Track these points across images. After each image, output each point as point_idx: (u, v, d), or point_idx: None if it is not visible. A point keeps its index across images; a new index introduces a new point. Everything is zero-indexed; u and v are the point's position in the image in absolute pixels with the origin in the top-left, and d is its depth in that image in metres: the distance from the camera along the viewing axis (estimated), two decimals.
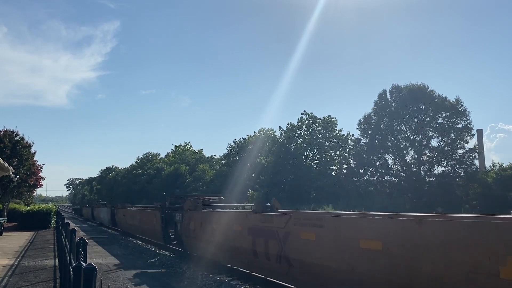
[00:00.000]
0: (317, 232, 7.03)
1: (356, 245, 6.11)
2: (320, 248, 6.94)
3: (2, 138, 33.39)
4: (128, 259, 15.52)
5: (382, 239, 5.66)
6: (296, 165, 58.14)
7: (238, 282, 10.52)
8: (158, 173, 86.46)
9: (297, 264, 7.71)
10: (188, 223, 13.89)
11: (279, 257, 8.20)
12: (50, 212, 34.08)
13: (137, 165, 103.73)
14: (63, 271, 8.46)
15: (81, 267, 3.07)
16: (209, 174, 71.50)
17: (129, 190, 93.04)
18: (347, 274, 6.30)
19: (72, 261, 5.60)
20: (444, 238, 4.87)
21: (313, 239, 7.12)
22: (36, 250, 18.15)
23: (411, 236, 5.26)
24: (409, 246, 5.26)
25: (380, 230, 5.79)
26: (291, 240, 7.80)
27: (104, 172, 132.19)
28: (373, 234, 5.87)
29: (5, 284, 10.54)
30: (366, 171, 52.80)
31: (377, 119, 52.59)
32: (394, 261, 5.45)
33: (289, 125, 61.52)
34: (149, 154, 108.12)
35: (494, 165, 46.04)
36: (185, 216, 14.44)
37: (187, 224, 14.04)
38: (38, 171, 38.65)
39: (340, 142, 59.87)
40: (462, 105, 48.70)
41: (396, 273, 5.43)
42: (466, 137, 48.39)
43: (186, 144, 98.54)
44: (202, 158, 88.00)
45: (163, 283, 10.93)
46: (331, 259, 6.67)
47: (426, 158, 49.95)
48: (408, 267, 5.25)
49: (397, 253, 5.41)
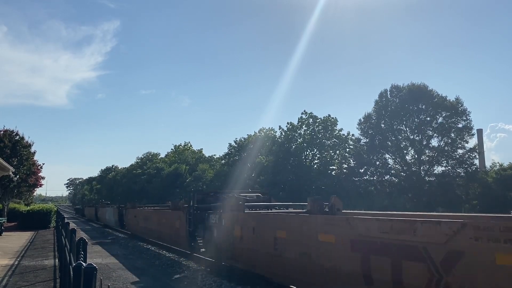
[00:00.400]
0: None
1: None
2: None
3: (2, 138, 33.37)
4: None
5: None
6: (296, 164, 58.10)
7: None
8: (158, 173, 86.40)
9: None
10: (231, 227, 10.87)
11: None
12: (50, 212, 34.09)
13: (137, 165, 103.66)
14: (63, 271, 8.45)
15: (81, 267, 3.06)
16: (209, 174, 71.47)
17: (129, 190, 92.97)
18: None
19: (72, 261, 5.59)
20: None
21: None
22: (36, 250, 18.13)
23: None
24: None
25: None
26: (468, 266, 4.72)
27: (104, 172, 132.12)
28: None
29: (5, 284, 10.53)
30: (366, 171, 52.77)
31: (377, 119, 52.57)
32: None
33: (289, 125, 61.51)
34: (149, 154, 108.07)
35: (494, 165, 46.12)
36: (224, 218, 11.45)
37: (229, 230, 11.00)
38: (38, 171, 38.63)
39: (340, 142, 59.81)
40: (462, 104, 48.71)
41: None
42: (466, 136, 48.39)
43: (186, 144, 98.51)
44: (202, 158, 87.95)
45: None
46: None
47: (426, 158, 49.94)
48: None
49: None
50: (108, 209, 35.19)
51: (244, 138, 69.47)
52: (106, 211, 35.33)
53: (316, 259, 7.44)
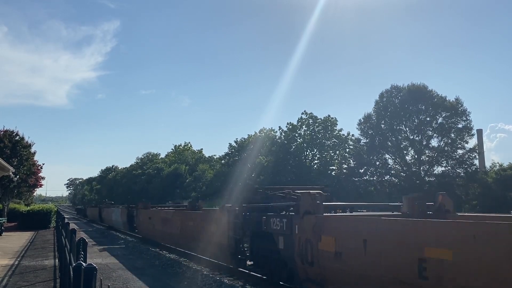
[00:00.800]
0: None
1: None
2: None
3: (2, 138, 33.39)
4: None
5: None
6: (296, 165, 58.13)
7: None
8: (158, 173, 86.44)
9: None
10: (315, 239, 7.69)
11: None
12: (50, 212, 34.13)
13: (137, 165, 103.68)
14: (63, 271, 8.46)
15: (81, 267, 3.07)
16: (209, 174, 71.48)
17: (129, 190, 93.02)
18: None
19: (72, 261, 5.60)
20: None
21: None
22: (36, 250, 18.15)
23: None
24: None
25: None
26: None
27: (104, 172, 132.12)
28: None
29: (5, 284, 10.54)
30: (366, 171, 52.78)
31: (377, 119, 52.59)
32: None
33: (289, 125, 61.51)
34: (149, 154, 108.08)
35: (494, 165, 46.09)
36: (299, 224, 8.25)
37: (312, 241, 7.77)
38: (38, 171, 38.66)
39: (340, 142, 59.82)
40: (462, 105, 48.72)
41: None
42: (466, 137, 48.39)
43: (186, 144, 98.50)
44: (202, 158, 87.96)
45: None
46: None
47: (426, 158, 49.95)
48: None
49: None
50: (114, 209, 32.64)
51: (244, 138, 69.50)
52: (113, 211, 33.06)
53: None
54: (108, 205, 41.03)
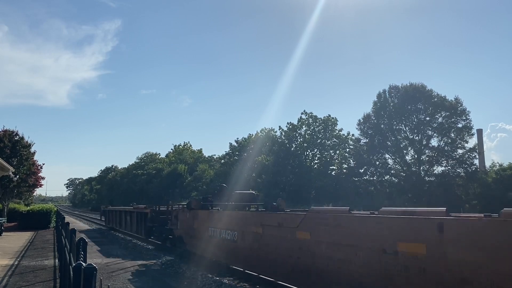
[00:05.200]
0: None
1: None
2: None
3: (2, 138, 33.36)
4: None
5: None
6: (296, 165, 58.12)
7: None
8: (158, 173, 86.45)
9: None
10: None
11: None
12: (50, 212, 34.07)
13: (137, 165, 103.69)
14: (63, 271, 8.46)
15: (81, 267, 3.06)
16: (209, 174, 71.49)
17: (129, 190, 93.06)
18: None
19: (72, 261, 5.59)
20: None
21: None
22: (36, 250, 18.13)
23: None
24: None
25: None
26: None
27: (104, 172, 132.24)
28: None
29: (5, 284, 10.53)
30: (366, 171, 52.77)
31: (376, 119, 52.58)
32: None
33: (289, 125, 61.52)
34: (149, 154, 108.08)
35: (494, 165, 46.04)
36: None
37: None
38: (38, 171, 38.63)
39: (340, 142, 59.86)
40: (461, 104, 48.71)
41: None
42: (466, 136, 48.38)
43: (186, 143, 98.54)
44: (201, 158, 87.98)
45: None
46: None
47: (426, 158, 49.93)
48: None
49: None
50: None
51: (245, 138, 69.54)
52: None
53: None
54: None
